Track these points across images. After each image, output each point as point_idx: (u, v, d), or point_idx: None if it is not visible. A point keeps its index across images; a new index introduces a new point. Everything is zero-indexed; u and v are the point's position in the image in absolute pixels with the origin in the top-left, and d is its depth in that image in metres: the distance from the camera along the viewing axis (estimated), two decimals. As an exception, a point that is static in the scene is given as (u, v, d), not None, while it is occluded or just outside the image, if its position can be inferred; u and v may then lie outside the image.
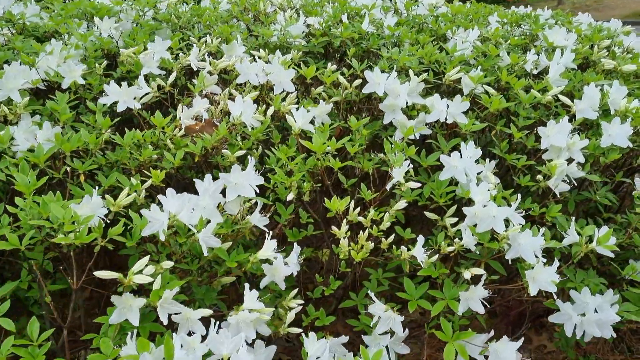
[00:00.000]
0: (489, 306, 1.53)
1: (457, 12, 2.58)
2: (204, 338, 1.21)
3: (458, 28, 2.43)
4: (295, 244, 1.50)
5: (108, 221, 1.40)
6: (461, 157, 1.66)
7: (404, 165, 1.57)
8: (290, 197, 1.54)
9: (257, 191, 1.45)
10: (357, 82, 1.90)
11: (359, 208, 1.57)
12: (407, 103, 1.80)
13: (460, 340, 1.47)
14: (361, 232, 1.51)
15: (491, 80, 2.02)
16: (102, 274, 1.22)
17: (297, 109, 1.68)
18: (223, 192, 1.46)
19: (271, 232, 1.47)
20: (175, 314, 1.28)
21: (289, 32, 2.11)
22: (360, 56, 2.15)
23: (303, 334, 1.35)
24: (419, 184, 1.57)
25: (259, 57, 2.00)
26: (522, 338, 1.47)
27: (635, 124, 1.87)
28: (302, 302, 1.51)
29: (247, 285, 1.35)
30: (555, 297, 1.51)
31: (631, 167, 1.98)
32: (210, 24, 2.30)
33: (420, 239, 1.50)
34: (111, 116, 1.72)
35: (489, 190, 1.61)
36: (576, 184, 1.75)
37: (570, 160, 1.74)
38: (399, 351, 1.59)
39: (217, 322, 1.22)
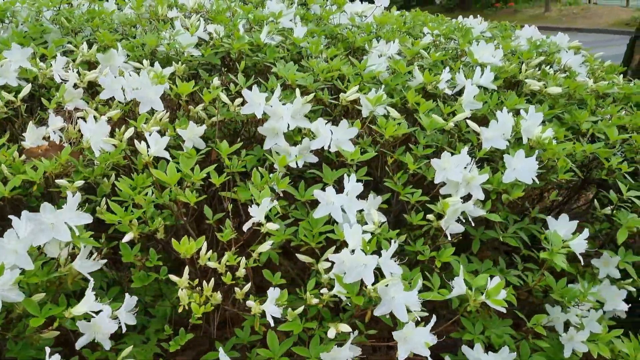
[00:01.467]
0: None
1: (383, 23, 2.36)
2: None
3: (379, 40, 2.23)
4: (127, 294, 1.28)
5: None
6: (343, 191, 1.45)
7: (263, 203, 1.36)
8: (127, 238, 1.32)
9: (77, 233, 1.24)
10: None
11: (211, 251, 1.35)
12: (288, 126, 1.59)
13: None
14: (204, 282, 1.30)
15: (397, 101, 1.82)
16: None
17: (150, 133, 1.46)
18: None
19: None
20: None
21: (177, 41, 1.89)
22: (260, 70, 1.93)
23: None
24: (277, 226, 1.36)
25: (137, 70, 1.79)
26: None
27: (549, 156, 1.67)
28: (136, 362, 1.30)
29: (47, 350, 1.13)
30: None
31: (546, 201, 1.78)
32: (101, 29, 2.07)
33: (272, 292, 1.29)
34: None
35: (368, 232, 1.41)
36: (473, 224, 1.54)
37: (468, 197, 1.53)
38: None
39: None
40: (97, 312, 1.22)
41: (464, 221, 1.52)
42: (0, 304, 1.12)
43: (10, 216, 1.23)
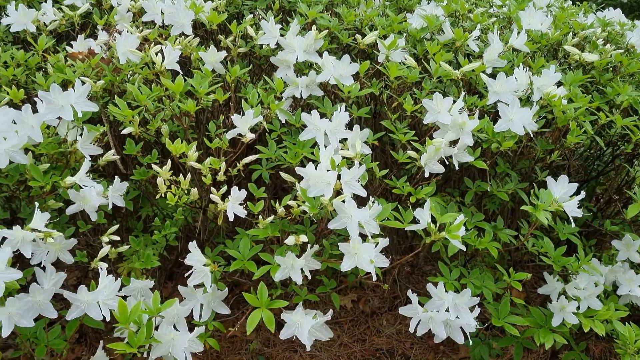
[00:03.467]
0: (310, 276, 1.41)
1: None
2: None
3: (429, 2, 2.25)
4: (117, 177, 1.46)
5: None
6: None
7: (247, 115, 1.47)
8: (127, 130, 1.50)
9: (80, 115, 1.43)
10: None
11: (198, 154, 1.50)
12: (297, 59, 1.69)
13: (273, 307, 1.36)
14: (181, 176, 1.44)
15: (420, 52, 1.85)
16: None
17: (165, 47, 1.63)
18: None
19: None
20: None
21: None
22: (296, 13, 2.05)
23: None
24: (253, 136, 1.47)
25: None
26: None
27: (557, 115, 1.63)
28: (118, 238, 1.47)
29: (36, 204, 1.32)
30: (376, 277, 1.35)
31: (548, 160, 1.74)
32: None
33: (235, 192, 1.40)
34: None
35: (345, 157, 1.49)
36: (457, 167, 1.55)
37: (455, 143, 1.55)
38: (219, 310, 1.51)
39: None
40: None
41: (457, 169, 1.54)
42: (8, 161, 1.33)
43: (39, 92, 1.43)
